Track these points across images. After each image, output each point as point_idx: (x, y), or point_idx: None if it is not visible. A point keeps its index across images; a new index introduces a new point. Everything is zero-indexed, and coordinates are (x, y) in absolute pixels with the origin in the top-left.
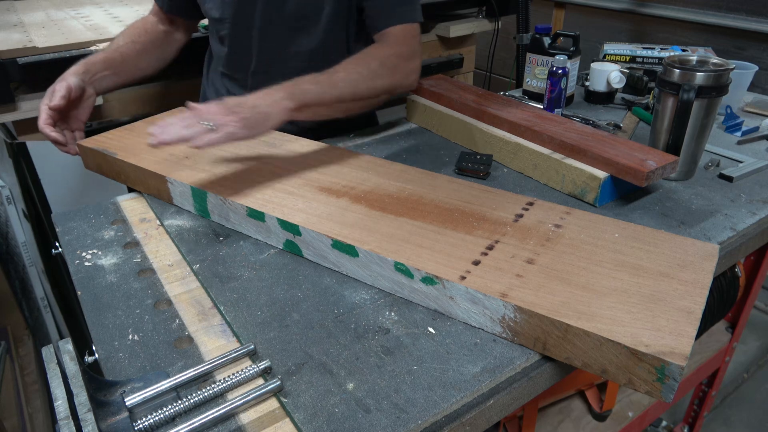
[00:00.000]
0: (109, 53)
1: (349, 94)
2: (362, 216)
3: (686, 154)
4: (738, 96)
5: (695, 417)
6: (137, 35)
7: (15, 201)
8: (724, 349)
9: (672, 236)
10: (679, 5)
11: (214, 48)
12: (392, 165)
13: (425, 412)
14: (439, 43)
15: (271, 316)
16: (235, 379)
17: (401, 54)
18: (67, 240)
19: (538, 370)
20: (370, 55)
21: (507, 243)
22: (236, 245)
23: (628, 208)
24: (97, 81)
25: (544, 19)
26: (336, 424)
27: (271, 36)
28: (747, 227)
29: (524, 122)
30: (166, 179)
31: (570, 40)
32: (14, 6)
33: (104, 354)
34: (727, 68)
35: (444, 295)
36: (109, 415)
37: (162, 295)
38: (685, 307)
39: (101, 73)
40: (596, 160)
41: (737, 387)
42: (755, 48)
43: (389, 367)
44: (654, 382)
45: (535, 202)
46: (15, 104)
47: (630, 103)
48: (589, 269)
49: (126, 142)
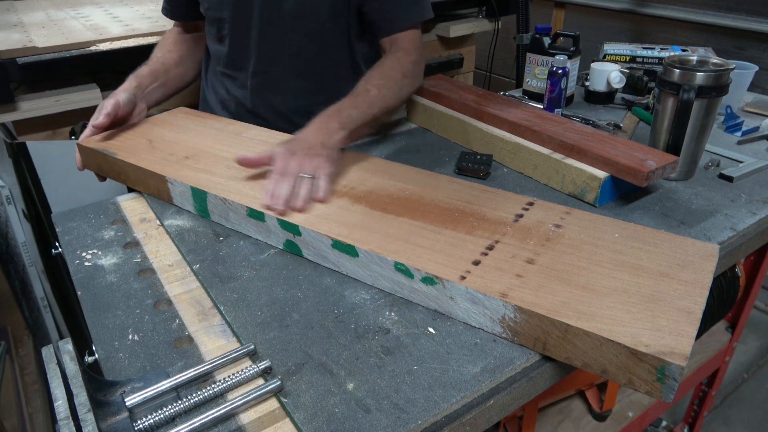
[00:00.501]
0: (152, 66)
1: (384, 109)
2: (362, 216)
3: (686, 154)
4: (738, 96)
5: (695, 417)
6: (171, 45)
7: (15, 201)
8: (724, 349)
9: (672, 236)
10: (679, 5)
11: (212, 48)
12: (392, 165)
13: (425, 412)
14: (439, 43)
15: (271, 316)
16: (235, 379)
17: (417, 61)
18: (67, 240)
19: (538, 370)
20: (392, 68)
21: (507, 243)
22: (236, 245)
23: (628, 208)
24: (149, 94)
25: (544, 19)
26: (336, 424)
27: (270, 36)
28: (747, 227)
29: (524, 122)
30: (166, 179)
31: (570, 40)
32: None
33: (104, 354)
34: (727, 68)
35: (444, 295)
36: (109, 415)
37: (162, 295)
38: (685, 307)
39: (152, 86)
40: (596, 160)
41: (737, 387)
42: (755, 48)
43: (389, 367)
44: (654, 382)
45: (535, 202)
46: (15, 104)
47: (630, 103)
48: (589, 269)
49: (126, 142)
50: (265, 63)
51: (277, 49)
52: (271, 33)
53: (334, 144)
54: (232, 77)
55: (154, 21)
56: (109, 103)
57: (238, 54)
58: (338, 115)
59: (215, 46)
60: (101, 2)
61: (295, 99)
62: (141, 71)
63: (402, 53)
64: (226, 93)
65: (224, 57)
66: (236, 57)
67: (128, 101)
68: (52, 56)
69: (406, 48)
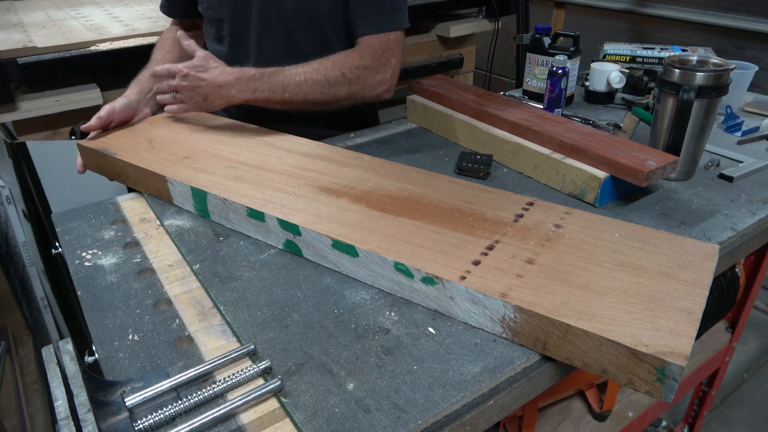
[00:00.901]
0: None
1: (300, 98)
2: (362, 216)
3: (686, 154)
4: (738, 96)
5: (695, 417)
6: (170, 46)
7: (15, 201)
8: (724, 349)
9: (672, 236)
10: (679, 5)
11: (211, 48)
12: (392, 165)
13: (425, 412)
14: (439, 43)
15: (271, 316)
16: (235, 379)
17: (369, 66)
18: (67, 240)
19: (538, 370)
20: (334, 64)
21: (507, 243)
22: (236, 245)
23: (628, 208)
24: (151, 98)
25: (544, 19)
26: (336, 424)
27: (270, 36)
28: (747, 227)
29: (524, 122)
30: (166, 179)
31: (570, 40)
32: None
33: (104, 354)
34: (727, 68)
35: (444, 295)
36: (109, 415)
37: (162, 295)
38: (685, 307)
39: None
40: (596, 160)
41: (737, 387)
42: (755, 48)
43: (389, 367)
44: (654, 382)
45: (535, 202)
46: (15, 104)
47: (630, 103)
48: (589, 269)
49: (126, 142)
50: (265, 63)
51: (276, 49)
52: (271, 33)
53: (227, 98)
54: None
55: (154, 21)
56: (104, 109)
57: (238, 54)
58: (246, 81)
59: (214, 46)
60: (101, 2)
61: None
62: (142, 76)
63: (356, 56)
64: None
65: (224, 57)
66: (236, 57)
67: (125, 106)
68: (52, 56)
69: (364, 53)
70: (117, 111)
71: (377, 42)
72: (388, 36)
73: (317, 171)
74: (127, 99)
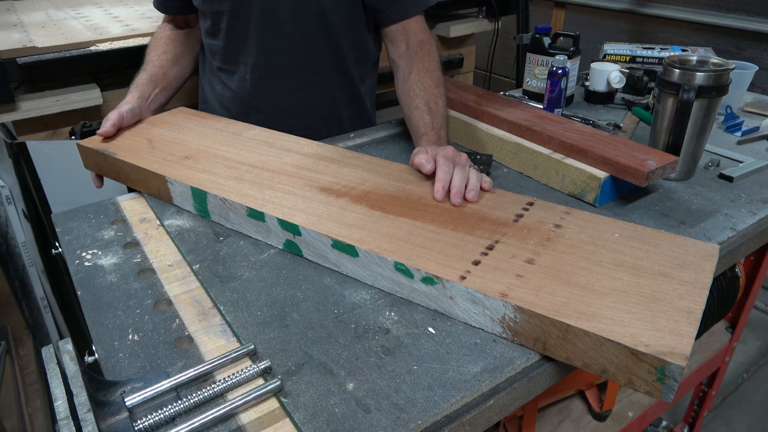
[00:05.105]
0: (150, 71)
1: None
2: (362, 216)
3: (686, 154)
4: (738, 96)
5: (695, 417)
6: (164, 45)
7: (15, 201)
8: (724, 349)
9: (672, 236)
10: (679, 5)
11: (207, 43)
12: (392, 165)
13: (425, 412)
14: (439, 43)
15: (271, 316)
16: (235, 379)
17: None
18: (67, 240)
19: (538, 370)
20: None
21: (507, 243)
22: (236, 245)
23: (628, 208)
24: (152, 102)
25: (544, 19)
26: (336, 424)
27: (271, 29)
28: (747, 227)
29: (524, 122)
30: (166, 179)
31: (570, 40)
32: (14, 6)
33: (104, 354)
34: (727, 68)
35: (444, 295)
36: (109, 415)
37: (162, 295)
38: (685, 307)
39: (153, 93)
40: (596, 160)
41: (737, 387)
42: (755, 48)
43: (389, 367)
44: (654, 382)
45: (535, 202)
46: (15, 104)
47: (630, 103)
48: (589, 269)
49: (126, 142)
50: (265, 56)
51: (278, 43)
52: (272, 26)
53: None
54: (229, 72)
55: (154, 21)
56: (113, 115)
57: (235, 48)
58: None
59: (208, 40)
60: (101, 2)
61: (295, 93)
62: (140, 80)
63: (426, 46)
64: (224, 88)
65: (220, 51)
66: (233, 51)
67: (130, 111)
68: (52, 56)
69: (422, 39)
70: (125, 116)
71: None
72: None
73: (317, 171)
74: (130, 104)
